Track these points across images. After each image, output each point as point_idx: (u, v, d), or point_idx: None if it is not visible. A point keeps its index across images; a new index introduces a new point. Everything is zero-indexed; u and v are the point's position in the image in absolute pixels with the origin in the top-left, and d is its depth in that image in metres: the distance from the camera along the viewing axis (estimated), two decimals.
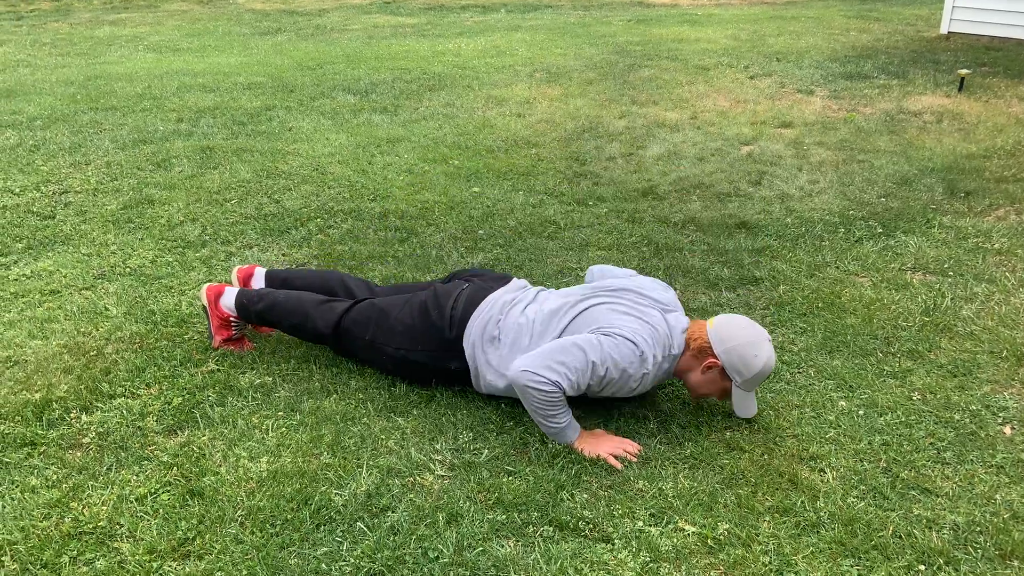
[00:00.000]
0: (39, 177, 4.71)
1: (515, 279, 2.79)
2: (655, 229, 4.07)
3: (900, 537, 2.09)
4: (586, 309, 2.51)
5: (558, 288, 2.82)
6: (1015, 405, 2.64)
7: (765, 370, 2.42)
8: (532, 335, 2.50)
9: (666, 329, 2.47)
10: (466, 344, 2.57)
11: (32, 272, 3.56)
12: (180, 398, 2.63)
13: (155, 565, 1.99)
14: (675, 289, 3.47)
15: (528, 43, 9.12)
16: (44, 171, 4.82)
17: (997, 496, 2.24)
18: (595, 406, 2.60)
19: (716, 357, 2.43)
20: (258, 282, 3.05)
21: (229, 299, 2.88)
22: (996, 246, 3.80)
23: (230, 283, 3.08)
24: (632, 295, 2.56)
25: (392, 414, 2.58)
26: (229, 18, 11.99)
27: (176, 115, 6.08)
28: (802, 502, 2.20)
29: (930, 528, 2.12)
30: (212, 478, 2.27)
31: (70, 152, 5.18)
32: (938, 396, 2.68)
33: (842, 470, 2.34)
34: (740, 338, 2.43)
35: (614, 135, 5.65)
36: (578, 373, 2.31)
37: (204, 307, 2.91)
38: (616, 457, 2.36)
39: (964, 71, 6.67)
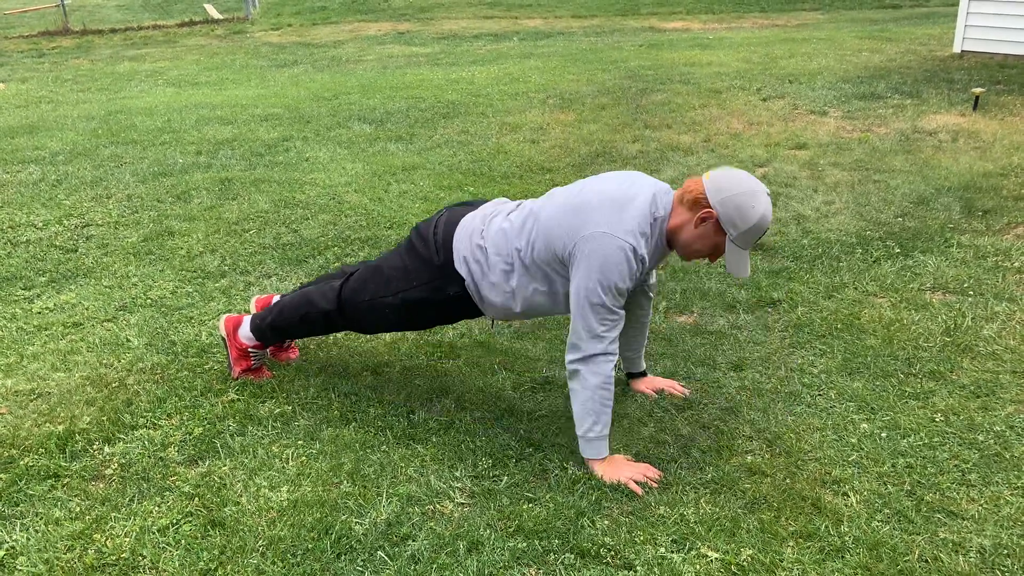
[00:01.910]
0: (61, 211, 4.78)
1: (497, 198, 2.73)
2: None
3: (926, 561, 2.06)
4: (563, 203, 2.42)
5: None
6: None
7: (762, 223, 2.31)
8: (516, 237, 2.45)
9: (644, 196, 2.37)
10: (457, 264, 2.52)
11: (55, 305, 3.60)
12: (201, 428, 2.65)
13: None
14: (693, 312, 3.46)
15: (541, 70, 9.20)
16: (66, 205, 4.89)
17: None
18: (614, 430, 2.59)
19: (711, 207, 2.33)
20: None
21: (247, 329, 2.90)
22: (1016, 264, 3.77)
23: (249, 313, 3.11)
24: (599, 184, 2.47)
25: (411, 441, 2.58)
26: (246, 51, 12.18)
27: (195, 148, 6.17)
28: (826, 526, 2.18)
29: (956, 552, 2.09)
30: (233, 508, 2.28)
31: (92, 186, 5.26)
32: (961, 417, 2.65)
33: (866, 493, 2.31)
34: (737, 188, 2.32)
35: (628, 159, 5.67)
36: (610, 323, 2.31)
37: (223, 338, 2.94)
38: (637, 483, 2.35)
39: (978, 89, 6.65)
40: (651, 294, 2.78)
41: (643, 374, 2.91)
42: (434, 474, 2.42)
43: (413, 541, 2.16)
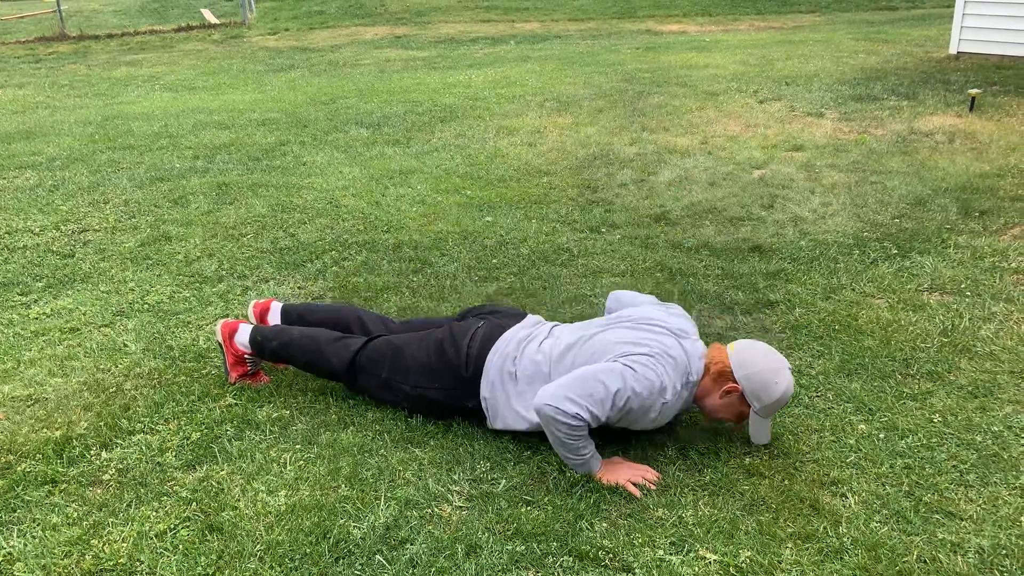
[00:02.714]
0: (58, 216, 4.78)
1: (530, 315, 2.79)
2: (668, 254, 4.07)
3: (925, 562, 2.06)
4: (601, 339, 2.50)
5: (572, 322, 2.82)
6: None
7: (784, 398, 2.42)
8: (549, 371, 2.50)
9: (684, 357, 2.46)
10: (483, 382, 2.57)
11: (52, 310, 3.60)
12: (198, 433, 2.65)
13: None
14: (691, 314, 3.47)
15: (538, 73, 9.21)
16: (63, 210, 4.89)
17: (1022, 519, 2.20)
18: (613, 434, 2.59)
19: (736, 382, 2.42)
20: (274, 316, 3.07)
21: (244, 336, 2.90)
22: (1013, 265, 3.77)
23: (246, 317, 3.11)
24: (648, 324, 2.56)
25: (409, 445, 2.58)
26: (243, 56, 12.18)
27: (192, 152, 6.17)
28: (824, 528, 2.18)
29: (955, 552, 2.09)
30: (231, 513, 2.28)
31: (88, 191, 5.25)
32: (959, 418, 2.66)
33: (864, 494, 2.31)
34: (761, 364, 2.43)
35: (625, 162, 5.67)
36: (600, 405, 2.30)
37: (219, 344, 2.94)
38: (635, 485, 2.35)
39: (975, 90, 6.67)
40: None
41: None
42: (432, 478, 2.41)
43: (411, 545, 2.15)
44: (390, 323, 2.97)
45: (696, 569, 2.05)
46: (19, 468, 2.48)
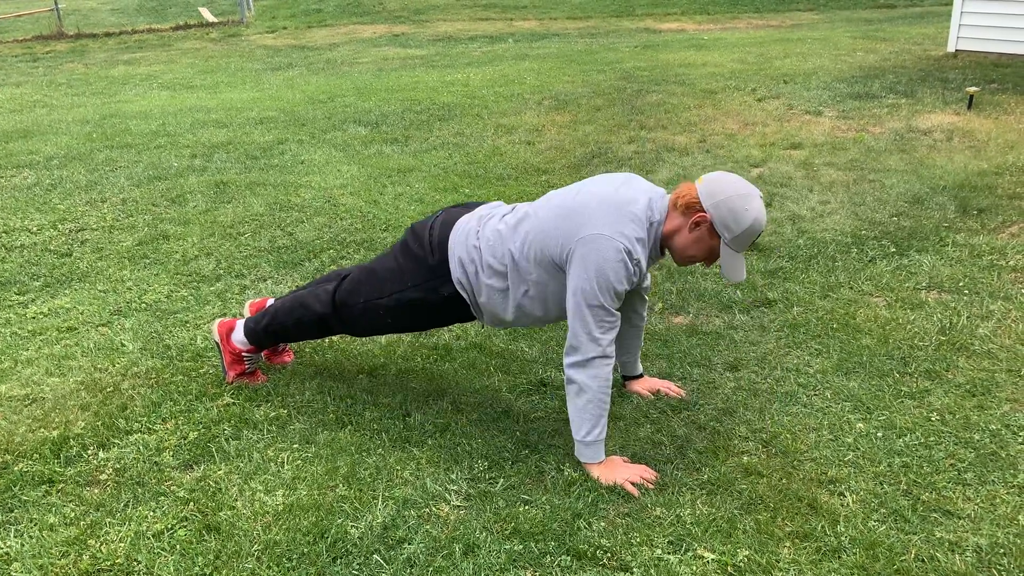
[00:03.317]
0: (56, 215, 4.77)
1: (493, 201, 2.73)
2: None
3: (923, 561, 2.06)
4: (560, 205, 2.43)
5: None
6: None
7: (756, 226, 2.32)
8: (510, 235, 2.45)
9: (640, 203, 2.37)
10: (452, 263, 2.52)
11: (49, 310, 3.59)
12: (196, 432, 2.64)
13: None
14: (689, 313, 3.46)
15: (536, 71, 9.20)
16: (61, 209, 4.88)
17: (1020, 517, 2.20)
18: (611, 434, 2.58)
19: (705, 211, 2.33)
20: None
21: (240, 333, 2.89)
22: (1011, 263, 3.77)
23: (242, 317, 3.10)
24: (596, 187, 2.46)
25: (407, 444, 2.57)
26: (241, 55, 12.17)
27: (190, 151, 6.16)
28: (822, 527, 2.18)
29: (953, 551, 2.09)
30: (228, 512, 2.27)
31: (86, 190, 5.25)
32: (957, 416, 2.66)
33: (862, 493, 2.31)
34: (730, 191, 2.32)
35: (624, 160, 5.67)
36: (607, 324, 2.31)
37: (216, 343, 2.93)
38: (633, 484, 2.35)
39: (973, 88, 6.67)
40: (646, 297, 2.78)
41: (639, 376, 2.91)
42: (430, 477, 2.41)
43: (409, 544, 2.15)
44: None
45: (694, 568, 2.05)
46: (16, 468, 2.48)
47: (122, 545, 2.16)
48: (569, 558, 2.10)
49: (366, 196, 5.03)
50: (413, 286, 2.58)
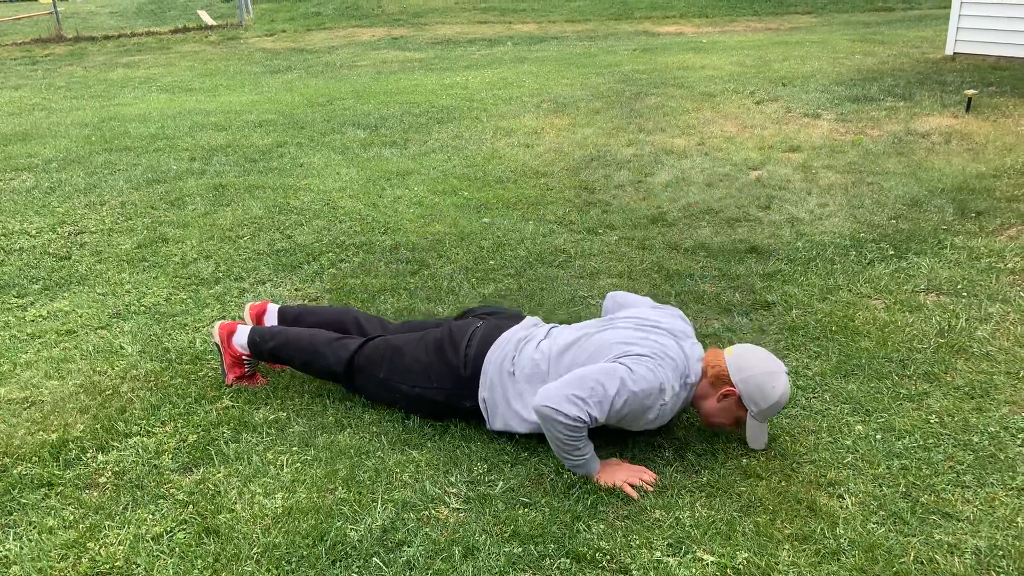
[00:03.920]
0: (55, 218, 4.77)
1: (528, 316, 2.79)
2: (666, 255, 4.07)
3: (922, 563, 2.06)
4: (600, 339, 2.50)
5: (570, 322, 2.82)
6: None
7: (781, 402, 2.42)
8: (548, 369, 2.50)
9: (682, 358, 2.47)
10: (482, 382, 2.57)
11: (48, 312, 3.59)
12: (195, 435, 2.64)
13: None
14: (688, 315, 3.47)
15: (535, 74, 9.21)
16: (60, 212, 4.88)
17: (1019, 519, 2.21)
18: (610, 435, 2.58)
19: (733, 386, 2.42)
20: (271, 318, 3.07)
21: (241, 337, 2.89)
22: (1009, 265, 3.78)
23: (243, 320, 3.11)
24: (647, 325, 2.56)
25: (406, 447, 2.57)
26: (240, 58, 12.18)
27: (189, 154, 6.16)
28: (821, 529, 2.18)
29: (952, 553, 2.09)
30: (227, 515, 2.27)
31: (85, 193, 5.25)
32: (956, 419, 2.66)
33: (861, 495, 2.31)
34: (758, 368, 2.42)
35: (622, 163, 5.67)
36: (599, 406, 2.29)
37: (216, 345, 2.93)
38: (632, 486, 2.35)
39: (971, 91, 6.68)
40: None
41: None
42: (429, 480, 2.41)
43: (408, 547, 2.15)
44: (388, 324, 2.97)
45: (693, 570, 2.05)
46: (15, 471, 2.48)
47: (121, 548, 2.16)
48: (568, 560, 2.10)
49: (365, 199, 5.03)
50: (438, 388, 2.63)
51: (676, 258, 4.04)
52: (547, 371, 2.49)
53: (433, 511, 2.29)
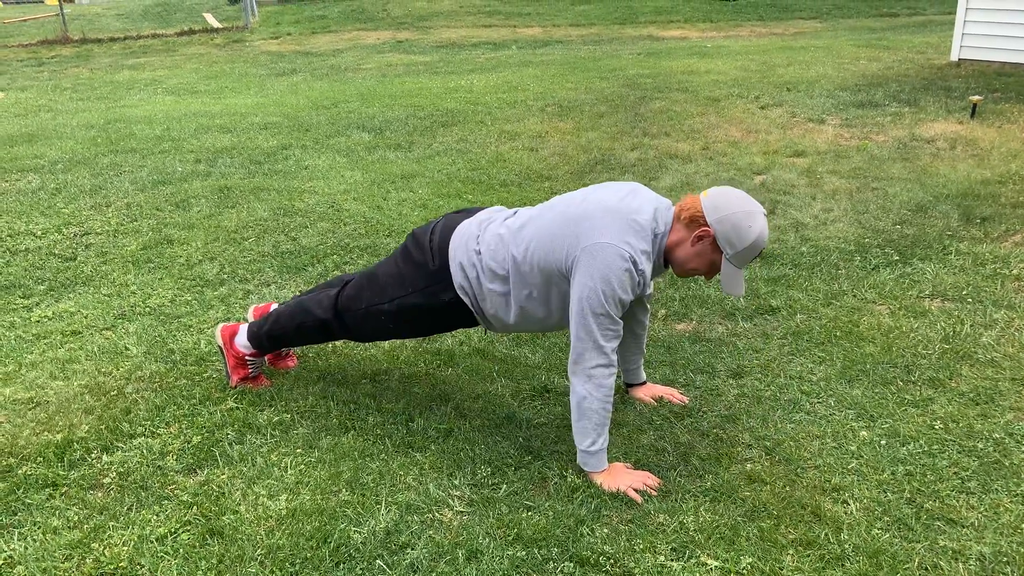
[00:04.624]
0: (60, 220, 4.79)
1: (494, 206, 2.73)
2: None
3: (926, 569, 2.06)
4: (564, 212, 2.42)
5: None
6: None
7: (758, 243, 2.33)
8: (511, 239, 2.44)
9: (646, 214, 2.36)
10: (452, 268, 2.52)
11: (54, 313, 3.60)
12: (199, 437, 2.64)
13: None
14: (692, 319, 3.47)
15: (539, 78, 9.22)
16: (65, 213, 4.90)
17: None
18: (614, 439, 2.58)
19: (708, 226, 2.34)
20: None
21: (243, 336, 2.90)
22: (1015, 272, 3.77)
23: (246, 321, 3.11)
24: (601, 195, 2.45)
25: (410, 449, 2.58)
26: (245, 60, 12.21)
27: (194, 156, 6.18)
28: (826, 534, 2.18)
29: (956, 559, 2.09)
30: (232, 517, 2.27)
31: (91, 194, 5.26)
32: (960, 424, 2.65)
33: (865, 501, 2.31)
34: (735, 207, 2.33)
35: (627, 167, 5.68)
36: (611, 333, 2.31)
37: (220, 347, 2.94)
38: (636, 491, 2.34)
39: (976, 97, 6.68)
40: (648, 305, 2.79)
41: (642, 383, 2.91)
42: (433, 482, 2.41)
43: (412, 550, 2.15)
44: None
45: (697, 575, 2.05)
46: (20, 471, 2.48)
47: (125, 549, 2.16)
48: (572, 564, 2.10)
49: (370, 201, 5.04)
50: (414, 291, 2.59)
51: None
52: (510, 241, 2.44)
53: (437, 514, 2.29)
